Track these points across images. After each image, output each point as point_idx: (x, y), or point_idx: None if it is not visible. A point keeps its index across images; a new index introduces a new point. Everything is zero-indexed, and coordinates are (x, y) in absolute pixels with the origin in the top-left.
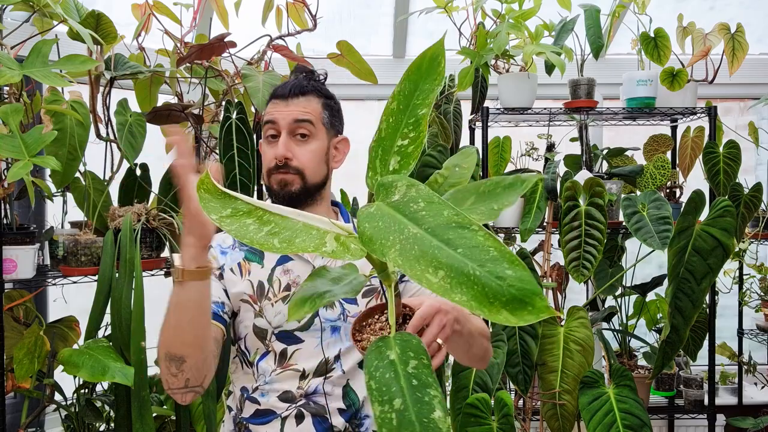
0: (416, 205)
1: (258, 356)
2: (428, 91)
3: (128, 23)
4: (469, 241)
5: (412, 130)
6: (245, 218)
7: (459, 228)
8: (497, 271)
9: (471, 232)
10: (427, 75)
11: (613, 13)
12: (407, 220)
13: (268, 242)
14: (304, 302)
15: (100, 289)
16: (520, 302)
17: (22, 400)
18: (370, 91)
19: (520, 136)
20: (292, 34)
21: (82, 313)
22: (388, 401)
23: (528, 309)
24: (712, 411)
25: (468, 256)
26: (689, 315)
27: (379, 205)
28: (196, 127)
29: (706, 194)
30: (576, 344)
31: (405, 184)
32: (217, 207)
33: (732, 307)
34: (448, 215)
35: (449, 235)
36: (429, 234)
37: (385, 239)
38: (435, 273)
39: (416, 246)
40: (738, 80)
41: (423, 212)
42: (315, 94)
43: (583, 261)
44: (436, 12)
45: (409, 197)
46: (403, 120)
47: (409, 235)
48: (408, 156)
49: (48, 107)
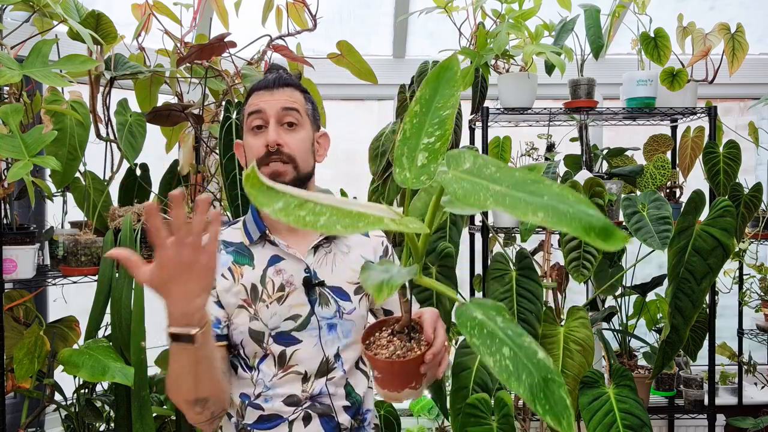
0: (488, 169)
1: (257, 361)
2: (449, 96)
3: (128, 23)
4: (550, 191)
5: (437, 128)
6: (298, 210)
7: (535, 183)
8: (584, 210)
9: (546, 186)
10: (446, 82)
11: (613, 13)
12: (487, 182)
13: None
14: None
15: (100, 289)
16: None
17: (22, 400)
18: (370, 91)
19: (520, 136)
20: (292, 34)
21: (82, 313)
22: (498, 351)
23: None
24: (712, 411)
25: (555, 200)
26: (689, 315)
27: (454, 173)
28: (196, 127)
29: (706, 194)
30: (576, 344)
31: (472, 154)
32: (266, 201)
33: (732, 307)
34: (520, 175)
35: (530, 188)
36: (512, 189)
37: (477, 195)
38: (535, 214)
39: (507, 198)
40: (738, 80)
41: (497, 174)
42: (296, 87)
43: (583, 261)
44: (436, 12)
45: (479, 164)
46: (426, 120)
47: (496, 191)
48: (435, 152)
49: (48, 107)
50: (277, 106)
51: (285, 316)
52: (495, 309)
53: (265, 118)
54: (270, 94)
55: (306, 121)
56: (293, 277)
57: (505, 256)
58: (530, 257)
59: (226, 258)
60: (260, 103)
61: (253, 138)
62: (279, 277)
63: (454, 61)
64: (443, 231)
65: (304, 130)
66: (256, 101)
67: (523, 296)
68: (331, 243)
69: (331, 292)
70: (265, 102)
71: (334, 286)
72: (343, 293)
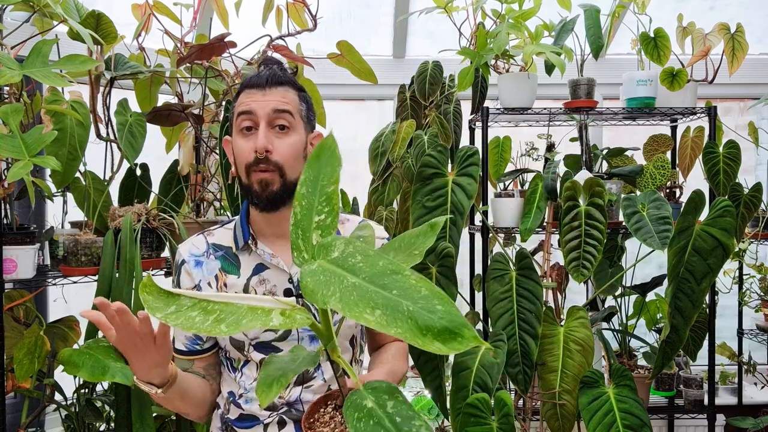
0: (354, 259)
1: (240, 364)
2: (331, 173)
3: (128, 23)
4: (403, 284)
5: (326, 205)
6: (189, 311)
7: (393, 274)
8: (428, 307)
9: (404, 277)
10: (326, 162)
11: (613, 13)
12: (346, 272)
13: (215, 328)
14: (270, 385)
15: (101, 289)
16: (451, 333)
17: (22, 400)
18: (370, 91)
19: (520, 136)
20: (292, 34)
21: None
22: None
23: (458, 339)
24: (712, 411)
25: (402, 296)
26: (689, 315)
27: (321, 262)
28: (196, 127)
29: (706, 194)
30: (576, 344)
31: (343, 242)
32: (160, 306)
33: (732, 307)
34: (383, 264)
35: (385, 280)
36: (366, 282)
37: (326, 290)
38: (372, 312)
39: (354, 293)
40: (738, 80)
41: (360, 264)
42: (291, 85)
43: (583, 261)
44: (436, 12)
45: (347, 253)
46: (315, 200)
47: (348, 284)
48: (327, 227)
49: (48, 107)
50: (268, 107)
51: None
52: (388, 392)
53: (255, 120)
54: (262, 93)
55: (299, 124)
56: (276, 287)
57: (505, 256)
58: (530, 257)
59: (214, 264)
60: (251, 103)
61: (243, 140)
62: (262, 287)
63: (330, 141)
64: (443, 231)
65: (295, 134)
66: (247, 100)
67: (523, 296)
68: None
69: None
70: (256, 102)
71: None
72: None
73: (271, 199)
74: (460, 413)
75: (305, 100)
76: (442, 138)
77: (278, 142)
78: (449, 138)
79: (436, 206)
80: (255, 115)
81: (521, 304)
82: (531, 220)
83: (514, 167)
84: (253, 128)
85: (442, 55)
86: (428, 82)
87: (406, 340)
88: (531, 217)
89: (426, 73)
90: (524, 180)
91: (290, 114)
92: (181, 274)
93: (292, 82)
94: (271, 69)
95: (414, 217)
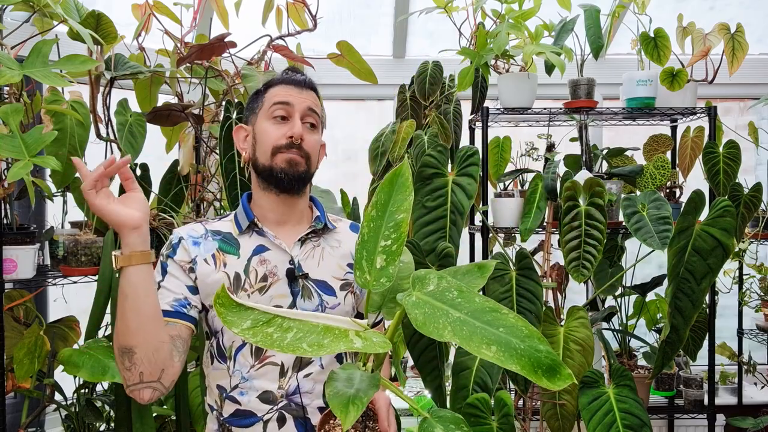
0: (451, 294)
1: (234, 351)
2: (402, 200)
3: (128, 23)
4: (505, 322)
5: (393, 232)
6: (266, 328)
7: (492, 312)
8: (534, 346)
9: (503, 315)
10: (398, 189)
11: (613, 13)
12: (447, 307)
13: (297, 347)
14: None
15: (100, 289)
16: (554, 370)
17: (22, 400)
18: (370, 91)
19: (520, 136)
20: (292, 34)
21: (82, 313)
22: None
23: (558, 376)
24: (712, 411)
25: (510, 333)
26: (689, 315)
27: (418, 295)
28: (196, 127)
29: (706, 194)
30: (576, 344)
31: (436, 276)
32: (235, 320)
33: (732, 307)
34: (480, 302)
35: (487, 317)
36: (471, 317)
37: (436, 322)
38: (488, 348)
39: (465, 327)
40: (738, 80)
41: (458, 299)
42: (317, 93)
43: (583, 261)
44: (436, 12)
45: (442, 287)
46: (383, 224)
47: (455, 318)
48: (392, 254)
49: (48, 107)
50: (304, 104)
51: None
52: (454, 422)
53: (291, 111)
54: (299, 91)
55: (320, 127)
56: (277, 267)
57: (505, 256)
58: (530, 257)
59: (212, 244)
60: (289, 97)
61: (275, 126)
62: (263, 267)
63: (405, 168)
64: (443, 231)
65: (318, 134)
66: (285, 93)
67: (523, 296)
68: (320, 237)
69: (315, 285)
70: (293, 97)
71: (319, 279)
72: (328, 287)
73: (297, 178)
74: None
75: (323, 109)
76: (442, 138)
77: (308, 135)
78: (449, 138)
79: (436, 206)
80: (292, 108)
81: (521, 304)
82: (531, 220)
83: (514, 167)
84: (286, 118)
85: (442, 55)
86: (428, 82)
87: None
88: (531, 217)
89: (426, 73)
90: (524, 180)
91: (318, 116)
92: (179, 248)
93: (318, 92)
94: (304, 75)
95: (414, 217)
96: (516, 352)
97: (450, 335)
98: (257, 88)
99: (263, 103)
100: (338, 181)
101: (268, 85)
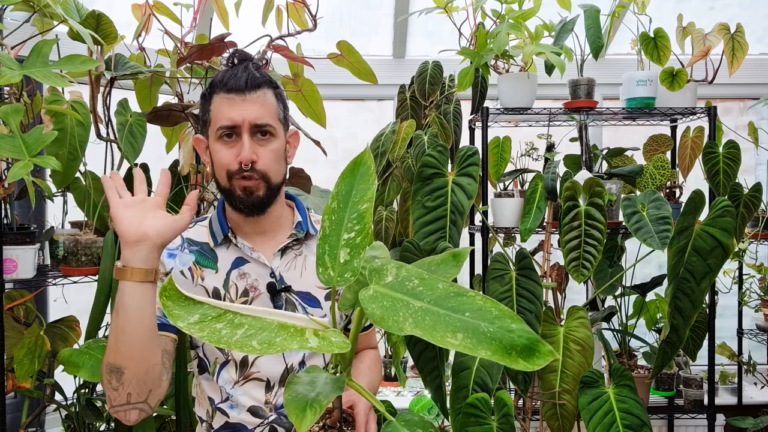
0: (411, 283)
1: (217, 367)
2: (365, 190)
3: (128, 23)
4: (472, 305)
5: (356, 223)
6: (214, 323)
7: (457, 296)
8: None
9: (469, 298)
10: (361, 178)
11: (612, 13)
12: (408, 297)
13: (245, 345)
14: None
15: (101, 289)
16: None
17: (22, 400)
18: (370, 91)
19: (520, 136)
20: (292, 34)
21: (82, 313)
22: None
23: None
24: (712, 411)
25: (477, 317)
26: (689, 315)
27: (376, 288)
28: (196, 127)
29: (705, 194)
30: (576, 344)
31: (394, 266)
32: (182, 314)
33: (732, 307)
34: (443, 287)
35: (451, 303)
36: (433, 305)
37: (396, 316)
38: (454, 336)
39: (427, 317)
40: (738, 80)
41: (420, 288)
42: (267, 85)
43: (582, 261)
44: (436, 12)
45: (402, 277)
46: (345, 216)
47: (416, 309)
48: (357, 247)
49: (48, 107)
50: (250, 118)
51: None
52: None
53: (238, 131)
54: (242, 99)
55: (279, 129)
56: (257, 281)
57: (505, 255)
58: (530, 257)
59: (188, 257)
60: (232, 115)
61: (224, 148)
62: (243, 282)
63: (367, 156)
64: (443, 231)
65: (276, 140)
66: (227, 111)
67: (523, 296)
68: (302, 244)
69: (299, 297)
70: (236, 113)
71: (302, 291)
72: (312, 299)
73: (257, 205)
74: (460, 413)
75: (281, 99)
76: (442, 138)
77: (261, 151)
78: (449, 138)
79: (436, 206)
80: (238, 127)
81: (521, 304)
82: (531, 220)
83: (514, 167)
84: (233, 135)
85: (442, 55)
86: (428, 82)
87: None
88: (531, 217)
89: (426, 73)
90: (524, 180)
91: (271, 125)
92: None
93: (269, 82)
94: (247, 69)
95: (414, 217)
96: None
97: (411, 328)
98: (203, 91)
99: (210, 119)
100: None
101: (211, 89)
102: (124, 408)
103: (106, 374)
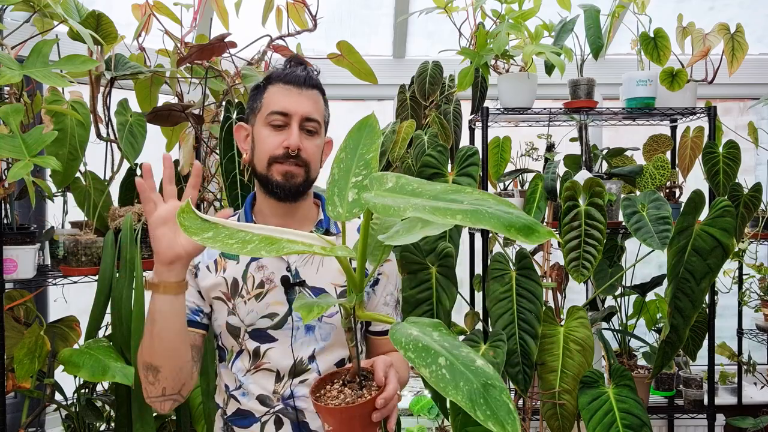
0: (410, 186)
1: (233, 356)
2: (370, 143)
3: (128, 23)
4: (470, 197)
5: (363, 169)
6: (227, 239)
7: (455, 192)
8: (504, 210)
9: (467, 193)
10: (367, 134)
11: (612, 13)
12: (409, 196)
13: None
14: (311, 309)
15: (101, 289)
16: (529, 228)
17: (22, 400)
18: (370, 91)
19: (520, 136)
20: (292, 34)
21: (83, 313)
22: (433, 362)
23: (535, 233)
24: (712, 411)
25: (477, 204)
26: (689, 315)
27: (378, 192)
28: (196, 127)
29: (705, 194)
30: (576, 344)
31: (394, 176)
32: (198, 231)
33: (732, 307)
34: (442, 187)
35: (451, 196)
36: (433, 200)
37: (397, 206)
38: (454, 217)
39: (427, 206)
40: (738, 80)
41: (419, 189)
42: (319, 89)
43: (582, 261)
44: (436, 12)
45: (401, 183)
46: (353, 164)
47: (417, 202)
48: (364, 188)
49: (48, 107)
50: (303, 110)
51: (262, 314)
52: (431, 325)
53: (289, 120)
54: (299, 92)
55: (322, 129)
56: (274, 274)
57: (505, 255)
58: (530, 257)
59: (214, 250)
60: (288, 105)
61: (272, 134)
62: (260, 274)
63: (372, 118)
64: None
65: (319, 138)
66: (283, 100)
67: (523, 296)
68: None
69: (312, 293)
70: (292, 104)
71: (317, 287)
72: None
73: (294, 191)
74: (460, 413)
75: (327, 106)
76: (442, 138)
77: (307, 142)
78: (449, 138)
79: None
80: (289, 117)
81: (521, 304)
82: None
83: (514, 167)
84: (283, 126)
85: (442, 55)
86: (428, 82)
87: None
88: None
89: (426, 73)
90: (524, 180)
91: (318, 122)
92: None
93: (321, 87)
94: (306, 69)
95: None
96: (485, 215)
97: (411, 212)
98: (257, 83)
99: (261, 105)
100: None
101: (268, 81)
102: (160, 399)
103: (143, 370)
